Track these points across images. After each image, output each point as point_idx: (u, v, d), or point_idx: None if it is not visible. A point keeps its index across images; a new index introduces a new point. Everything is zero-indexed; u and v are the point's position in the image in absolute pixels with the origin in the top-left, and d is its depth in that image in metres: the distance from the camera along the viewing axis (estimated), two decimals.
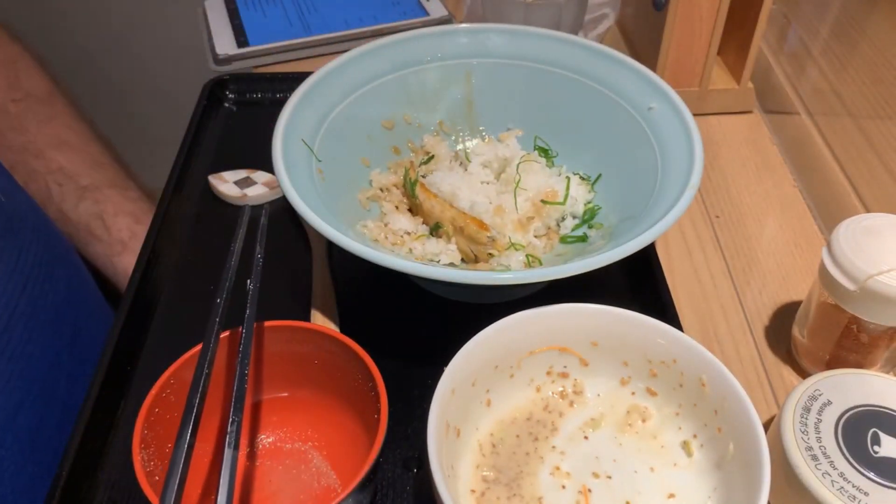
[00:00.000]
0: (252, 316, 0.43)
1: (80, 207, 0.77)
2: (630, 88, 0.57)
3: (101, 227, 0.77)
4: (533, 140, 0.62)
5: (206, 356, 0.40)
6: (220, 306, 0.42)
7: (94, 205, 0.77)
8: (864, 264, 0.45)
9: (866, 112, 0.65)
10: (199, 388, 0.38)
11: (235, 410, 0.39)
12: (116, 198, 0.79)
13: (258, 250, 0.46)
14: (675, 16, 0.69)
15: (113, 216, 0.77)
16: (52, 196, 0.77)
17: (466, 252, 0.55)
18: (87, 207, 0.77)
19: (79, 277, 0.70)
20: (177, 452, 0.35)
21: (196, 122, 0.71)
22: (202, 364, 0.40)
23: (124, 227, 0.77)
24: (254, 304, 0.44)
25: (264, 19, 0.88)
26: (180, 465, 0.35)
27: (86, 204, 0.77)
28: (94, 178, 0.79)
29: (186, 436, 0.36)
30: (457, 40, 0.62)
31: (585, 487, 0.41)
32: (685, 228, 0.66)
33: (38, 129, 0.79)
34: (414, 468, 0.47)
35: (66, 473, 0.44)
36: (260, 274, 0.45)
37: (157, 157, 0.94)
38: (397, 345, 0.52)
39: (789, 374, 0.54)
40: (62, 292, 0.64)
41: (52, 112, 0.82)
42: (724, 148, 0.74)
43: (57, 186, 0.77)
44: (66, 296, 0.65)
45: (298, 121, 0.54)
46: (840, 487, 0.39)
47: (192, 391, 0.38)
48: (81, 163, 0.79)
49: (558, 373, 0.46)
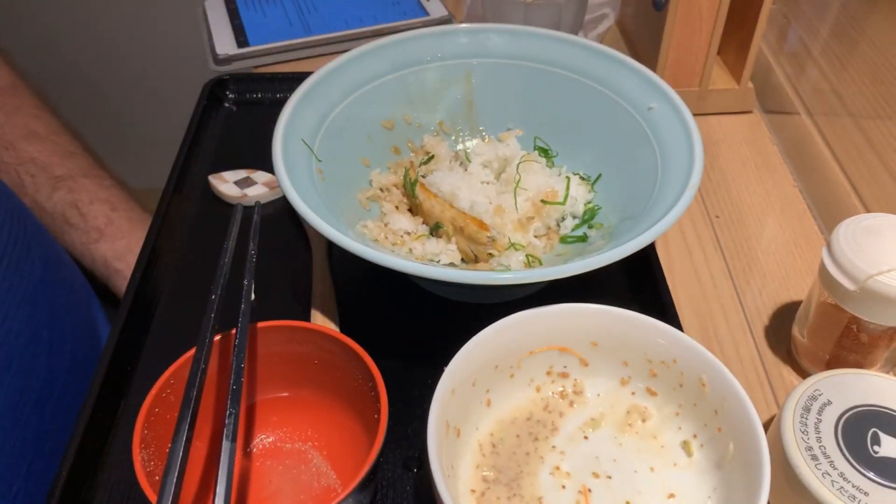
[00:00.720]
0: (247, 311, 0.43)
1: (54, 197, 0.76)
2: (630, 88, 0.57)
3: (77, 216, 0.77)
4: (533, 140, 0.62)
5: (201, 352, 0.40)
6: (214, 303, 0.43)
7: (68, 194, 0.77)
8: (864, 264, 0.45)
9: (866, 112, 0.65)
10: (195, 384, 0.39)
11: (233, 403, 0.39)
12: (91, 186, 0.78)
13: (251, 246, 0.47)
14: (675, 16, 0.69)
15: (88, 204, 0.77)
16: (26, 187, 0.77)
17: (466, 252, 0.55)
18: (62, 197, 0.76)
19: (56, 256, 0.70)
20: (174, 447, 0.35)
21: (196, 122, 0.71)
22: (198, 360, 0.40)
23: (100, 215, 0.77)
24: (248, 299, 0.44)
25: (264, 19, 0.88)
26: (178, 460, 0.35)
27: (60, 193, 0.77)
28: (67, 167, 0.78)
29: (184, 431, 0.36)
30: (457, 40, 0.62)
31: (585, 487, 0.41)
32: (685, 228, 0.66)
33: (5, 121, 0.79)
34: (414, 468, 0.47)
35: (66, 473, 0.44)
36: (254, 270, 0.45)
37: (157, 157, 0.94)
38: (397, 345, 0.52)
39: (789, 374, 0.54)
40: (39, 271, 0.64)
41: (17, 103, 0.81)
42: (724, 148, 0.74)
43: (29, 177, 0.77)
44: (43, 274, 0.64)
45: (298, 121, 0.54)
46: (840, 487, 0.39)
47: (188, 387, 0.38)
48: (52, 153, 0.79)
49: (558, 373, 0.46)
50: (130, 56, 1.42)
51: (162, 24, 1.37)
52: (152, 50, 1.41)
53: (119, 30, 1.39)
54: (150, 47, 1.41)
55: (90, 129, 1.09)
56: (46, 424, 0.60)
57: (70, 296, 0.69)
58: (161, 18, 1.36)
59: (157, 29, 1.38)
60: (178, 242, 0.61)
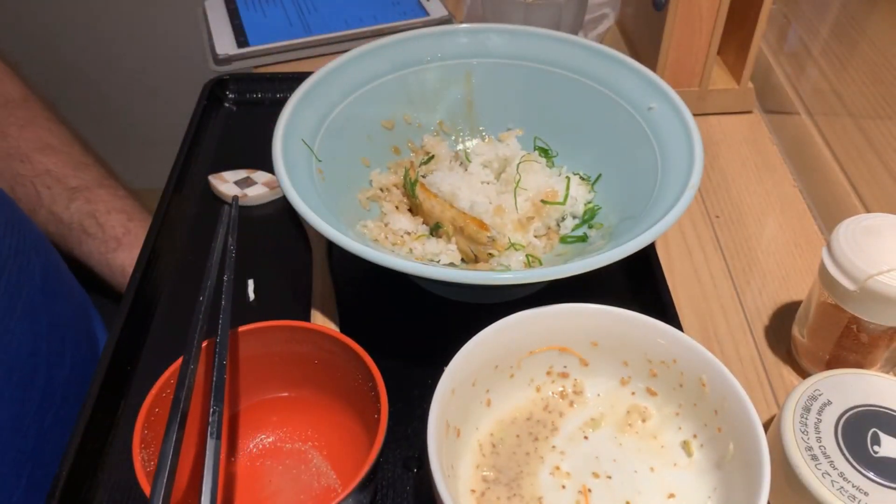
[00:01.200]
0: (228, 307, 0.43)
1: (71, 207, 0.77)
2: (630, 88, 0.57)
3: (95, 225, 0.77)
4: (533, 140, 0.62)
5: (190, 353, 0.40)
6: (202, 304, 0.43)
7: (85, 204, 0.77)
8: (864, 264, 0.45)
9: (866, 112, 0.65)
10: (184, 385, 0.39)
11: (216, 401, 0.39)
12: (107, 196, 0.79)
13: (230, 241, 0.47)
14: (675, 16, 0.69)
15: (105, 214, 0.78)
16: (42, 198, 0.77)
17: (466, 252, 0.55)
18: (80, 207, 0.77)
19: (54, 266, 0.70)
20: (164, 448, 0.36)
21: (196, 122, 0.71)
22: (186, 361, 0.40)
23: (118, 224, 0.78)
24: (229, 295, 0.44)
25: (264, 19, 0.88)
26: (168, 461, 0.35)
27: (77, 204, 0.77)
28: (82, 178, 0.79)
29: (174, 432, 0.36)
30: (457, 40, 0.62)
31: (585, 487, 0.41)
32: (685, 228, 0.66)
33: (19, 133, 0.80)
34: (414, 468, 0.47)
35: (66, 473, 0.44)
36: (234, 265, 0.46)
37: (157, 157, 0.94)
38: (397, 345, 0.52)
39: (789, 374, 0.54)
40: (38, 282, 0.64)
41: (30, 115, 0.82)
42: (724, 148, 0.74)
43: (46, 189, 0.78)
44: (42, 285, 0.65)
45: (298, 121, 0.54)
46: (840, 487, 0.39)
47: (177, 388, 0.39)
48: (67, 164, 0.80)
49: (558, 373, 0.46)
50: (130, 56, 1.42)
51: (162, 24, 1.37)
52: (152, 50, 1.41)
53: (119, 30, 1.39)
54: (150, 47, 1.41)
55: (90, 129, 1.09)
56: (46, 434, 0.60)
57: (69, 306, 0.69)
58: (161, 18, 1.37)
59: (157, 29, 1.38)
60: (178, 242, 0.61)
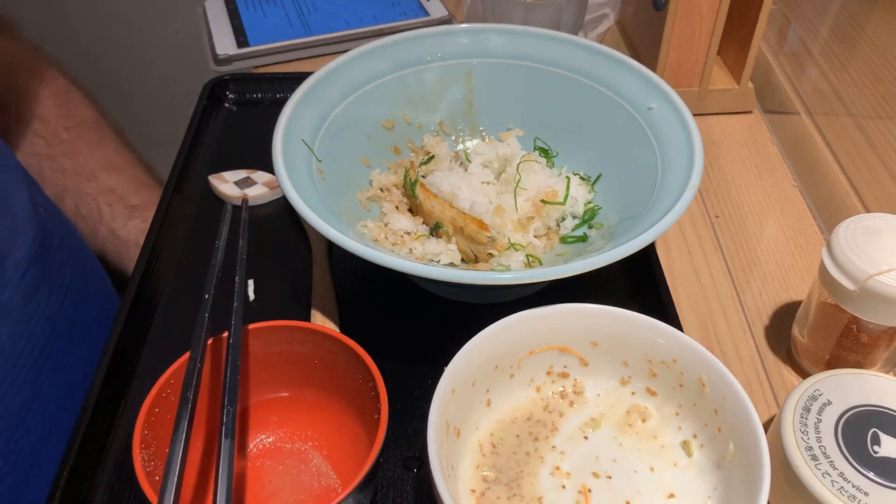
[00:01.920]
0: (240, 309, 0.43)
1: (129, 225, 0.80)
2: (630, 88, 0.57)
3: None
4: (533, 140, 0.62)
5: (196, 352, 0.40)
6: (207, 303, 0.43)
7: (143, 223, 0.80)
8: (864, 264, 0.45)
9: (866, 112, 0.65)
10: (192, 384, 0.39)
11: (230, 401, 0.39)
12: None
13: (241, 244, 0.47)
14: (675, 16, 0.69)
15: None
16: (103, 215, 0.80)
17: (466, 252, 0.55)
18: (137, 225, 0.80)
19: (109, 295, 0.73)
20: (173, 448, 0.36)
21: (196, 122, 0.71)
22: (193, 359, 0.40)
23: None
24: (241, 297, 0.44)
25: (264, 19, 0.88)
26: (178, 460, 0.35)
27: (135, 222, 0.80)
28: (141, 198, 0.82)
29: (183, 431, 0.36)
30: (457, 40, 0.62)
31: (585, 487, 0.41)
32: (685, 228, 0.66)
33: (88, 153, 0.83)
34: (414, 468, 0.47)
35: (66, 473, 0.44)
36: (245, 268, 0.46)
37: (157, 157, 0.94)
38: (397, 345, 0.52)
39: (789, 374, 0.54)
40: (95, 310, 0.68)
41: (100, 137, 0.86)
42: (724, 148, 0.74)
43: (107, 206, 0.81)
44: (99, 313, 0.68)
45: (298, 121, 0.54)
46: (840, 487, 0.39)
47: (185, 387, 0.39)
48: (129, 184, 0.83)
49: (558, 373, 0.46)
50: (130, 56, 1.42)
51: (162, 24, 1.37)
52: (152, 50, 1.41)
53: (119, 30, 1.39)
54: (150, 47, 1.41)
55: None
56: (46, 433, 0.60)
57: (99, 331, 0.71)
58: (161, 19, 1.36)
59: (157, 29, 1.38)
60: (178, 242, 0.61)
